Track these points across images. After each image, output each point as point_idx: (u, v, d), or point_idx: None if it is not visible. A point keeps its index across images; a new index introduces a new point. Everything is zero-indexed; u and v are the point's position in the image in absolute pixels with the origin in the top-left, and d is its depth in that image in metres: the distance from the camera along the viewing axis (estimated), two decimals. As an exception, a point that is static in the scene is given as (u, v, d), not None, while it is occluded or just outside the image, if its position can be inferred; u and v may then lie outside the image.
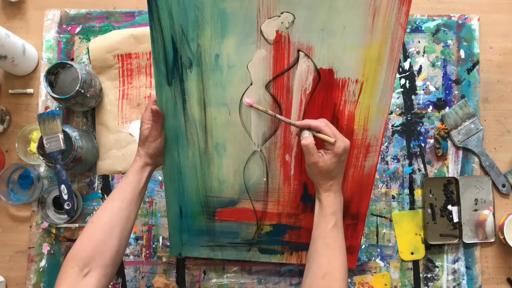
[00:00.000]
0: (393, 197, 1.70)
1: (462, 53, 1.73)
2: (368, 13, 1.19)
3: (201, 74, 1.29)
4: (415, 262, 1.68)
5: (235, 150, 1.40)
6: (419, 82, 1.73)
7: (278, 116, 1.32)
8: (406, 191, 1.70)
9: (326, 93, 1.30)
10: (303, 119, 1.34)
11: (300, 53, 1.26)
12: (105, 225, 1.26)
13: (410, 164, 1.71)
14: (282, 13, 1.21)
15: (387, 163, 1.70)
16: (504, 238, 1.61)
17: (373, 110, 1.31)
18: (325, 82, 1.29)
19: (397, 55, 1.24)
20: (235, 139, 1.38)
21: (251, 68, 1.28)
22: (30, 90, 1.75)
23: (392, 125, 1.71)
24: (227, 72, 1.29)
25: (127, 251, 1.69)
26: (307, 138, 1.25)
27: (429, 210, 1.68)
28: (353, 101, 1.31)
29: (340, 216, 1.29)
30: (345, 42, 1.23)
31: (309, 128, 1.27)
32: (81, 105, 1.65)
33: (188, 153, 1.41)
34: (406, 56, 1.74)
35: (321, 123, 1.26)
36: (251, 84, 1.30)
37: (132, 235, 1.67)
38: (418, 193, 1.70)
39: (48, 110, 1.72)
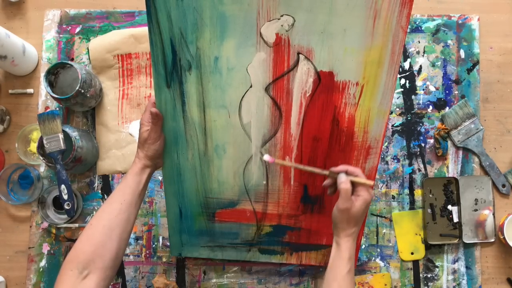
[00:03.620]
0: (393, 197, 1.70)
1: (462, 53, 1.73)
2: (368, 15, 1.19)
3: (200, 77, 1.29)
4: (415, 262, 1.68)
5: (234, 152, 1.40)
6: (419, 82, 1.73)
7: (308, 168, 1.34)
8: (406, 191, 1.70)
9: (327, 95, 1.30)
10: (303, 122, 1.34)
11: (300, 55, 1.25)
12: (104, 228, 1.25)
13: (410, 164, 1.71)
14: (282, 15, 1.20)
15: (387, 163, 1.70)
16: (504, 238, 1.61)
17: (374, 113, 1.31)
18: (326, 84, 1.29)
19: (397, 58, 1.24)
20: (234, 141, 1.38)
21: (251, 71, 1.28)
22: (30, 90, 1.75)
23: (392, 125, 1.71)
24: (227, 74, 1.28)
25: (127, 251, 1.69)
26: (347, 183, 1.27)
27: (429, 210, 1.68)
28: (354, 104, 1.31)
29: (354, 261, 1.31)
30: (345, 44, 1.23)
31: (346, 173, 1.29)
32: (81, 105, 1.64)
33: (187, 155, 1.41)
34: (406, 56, 1.74)
35: (357, 169, 1.30)
36: (251, 86, 1.30)
37: (132, 235, 1.67)
38: (418, 193, 1.70)
39: (48, 110, 1.72)
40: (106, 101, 1.73)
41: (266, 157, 1.35)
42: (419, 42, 1.74)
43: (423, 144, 1.71)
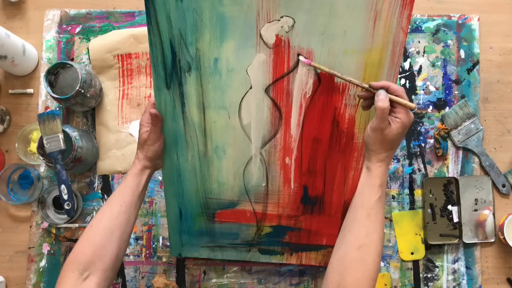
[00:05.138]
0: (393, 197, 1.70)
1: (462, 53, 1.73)
2: (369, 17, 1.19)
3: (200, 78, 1.29)
4: (415, 262, 1.68)
5: (234, 153, 1.40)
6: (419, 82, 1.73)
7: (346, 77, 1.23)
8: (406, 191, 1.70)
9: (327, 97, 1.30)
10: (303, 123, 1.34)
11: (300, 57, 1.25)
12: (104, 229, 1.25)
13: (410, 164, 1.71)
14: (282, 17, 1.20)
15: (387, 163, 1.70)
16: (504, 238, 1.62)
17: (374, 114, 1.31)
18: (326, 86, 1.28)
19: (398, 59, 1.24)
20: (234, 142, 1.38)
21: (251, 72, 1.28)
22: (30, 90, 1.75)
23: (392, 125, 1.71)
24: (226, 76, 1.28)
25: (127, 251, 1.68)
26: (385, 101, 1.16)
27: (429, 210, 1.68)
28: (354, 105, 1.31)
29: (385, 190, 1.25)
30: (345, 46, 1.22)
31: (386, 90, 1.18)
32: (81, 105, 1.65)
33: (187, 156, 1.41)
34: (406, 56, 1.74)
35: (401, 88, 1.18)
36: (251, 88, 1.30)
37: (132, 235, 1.66)
38: (418, 193, 1.70)
39: (48, 110, 1.72)
40: (106, 101, 1.73)
41: (302, 58, 1.26)
42: (419, 42, 1.74)
43: (423, 144, 1.71)
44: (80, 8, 1.78)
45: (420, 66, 1.74)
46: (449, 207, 1.68)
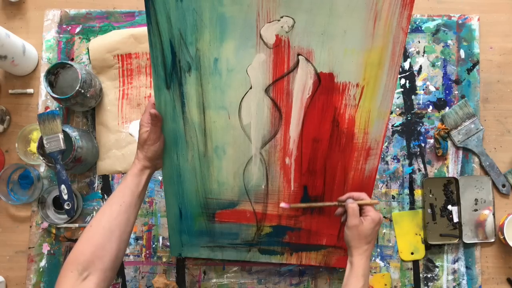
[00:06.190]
0: (393, 197, 1.70)
1: (462, 53, 1.73)
2: (369, 17, 1.19)
3: (200, 78, 1.28)
4: (415, 262, 1.68)
5: (234, 153, 1.40)
6: (419, 82, 1.73)
7: (319, 204, 1.47)
8: (406, 191, 1.70)
9: (327, 96, 1.30)
10: (303, 122, 1.34)
11: (300, 57, 1.25)
12: (104, 229, 1.25)
13: (410, 164, 1.71)
14: (282, 17, 1.20)
15: (387, 163, 1.70)
16: (504, 238, 1.62)
17: (374, 114, 1.31)
18: (326, 86, 1.28)
19: (398, 59, 1.24)
20: (234, 142, 1.38)
21: (251, 72, 1.28)
22: (30, 90, 1.75)
23: (392, 125, 1.71)
24: (226, 76, 1.28)
25: (127, 251, 1.68)
26: (354, 203, 1.36)
27: (429, 210, 1.68)
28: (354, 105, 1.31)
29: (368, 278, 1.36)
30: (345, 46, 1.23)
31: (352, 198, 1.38)
32: (81, 105, 1.64)
33: (187, 156, 1.41)
34: (406, 56, 1.74)
35: (362, 193, 1.39)
36: (251, 88, 1.30)
37: (132, 235, 1.66)
38: (418, 193, 1.70)
39: (48, 110, 1.72)
40: (106, 101, 1.73)
41: (282, 204, 1.45)
42: (419, 42, 1.74)
43: (423, 144, 1.71)
44: (80, 8, 1.78)
45: (420, 66, 1.73)
46: (449, 207, 1.67)
